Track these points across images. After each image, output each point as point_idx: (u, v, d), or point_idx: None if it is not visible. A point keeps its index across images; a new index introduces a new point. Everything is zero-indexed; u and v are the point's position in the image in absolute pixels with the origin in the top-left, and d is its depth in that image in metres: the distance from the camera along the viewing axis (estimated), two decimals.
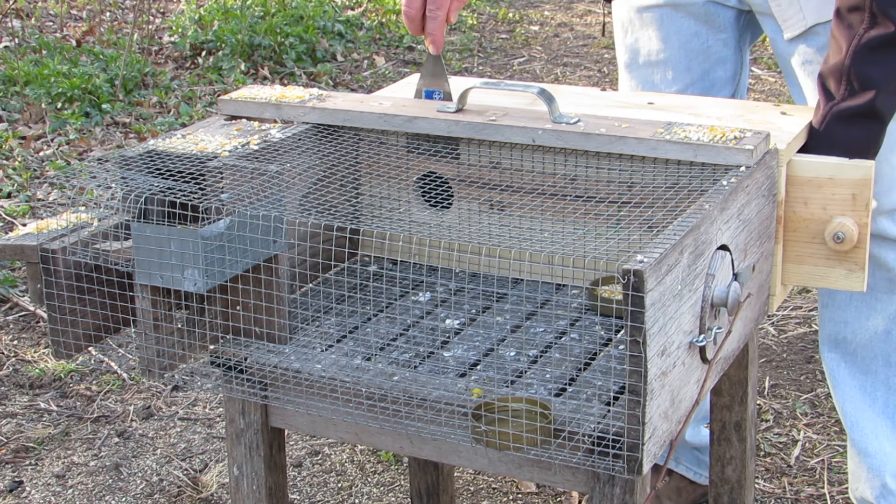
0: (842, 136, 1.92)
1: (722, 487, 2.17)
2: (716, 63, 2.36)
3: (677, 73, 2.35)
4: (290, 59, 5.95)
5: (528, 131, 1.90)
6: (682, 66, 2.35)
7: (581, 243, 1.90)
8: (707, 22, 2.32)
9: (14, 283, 3.70)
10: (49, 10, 6.73)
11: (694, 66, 2.35)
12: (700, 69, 2.35)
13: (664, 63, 2.36)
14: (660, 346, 1.48)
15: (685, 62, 2.35)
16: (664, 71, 2.36)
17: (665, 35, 2.35)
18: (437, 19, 2.00)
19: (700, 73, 2.35)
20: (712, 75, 2.36)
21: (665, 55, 2.35)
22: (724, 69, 2.37)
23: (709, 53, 2.35)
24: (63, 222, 1.76)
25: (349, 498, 2.74)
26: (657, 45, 2.35)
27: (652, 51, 2.36)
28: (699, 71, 2.35)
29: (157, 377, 1.73)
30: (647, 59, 2.38)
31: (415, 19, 2.02)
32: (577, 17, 7.30)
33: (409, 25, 2.04)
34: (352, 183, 2.09)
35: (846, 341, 2.33)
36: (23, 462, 2.89)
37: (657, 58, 2.36)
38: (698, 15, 2.32)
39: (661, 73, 2.36)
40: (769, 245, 1.88)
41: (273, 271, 1.77)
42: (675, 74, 2.35)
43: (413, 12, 2.01)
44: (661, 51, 2.35)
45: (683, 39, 2.34)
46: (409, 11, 2.02)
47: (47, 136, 4.94)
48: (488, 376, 1.73)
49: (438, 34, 2.02)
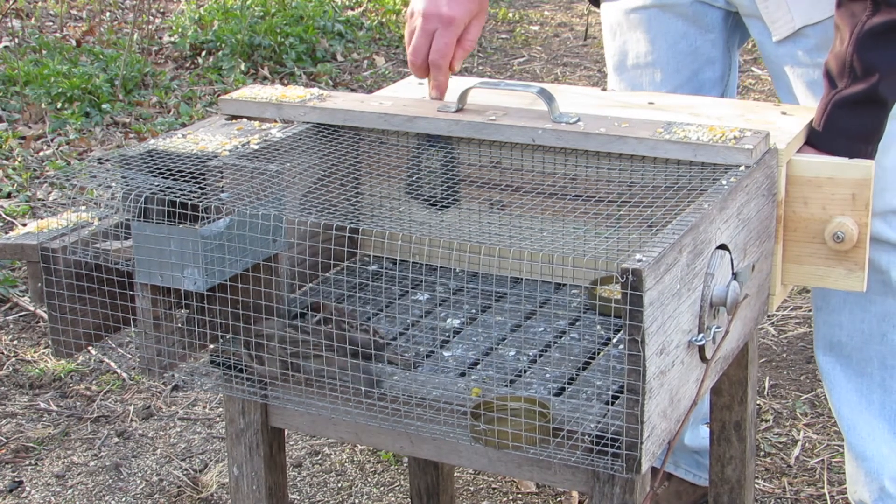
0: (845, 124, 1.92)
1: (722, 487, 2.17)
2: (704, 64, 2.35)
3: (666, 74, 2.35)
4: (290, 59, 5.95)
5: (528, 131, 1.90)
6: (671, 67, 2.35)
7: (581, 243, 1.90)
8: (695, 23, 2.32)
9: (14, 283, 3.70)
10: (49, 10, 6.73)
11: (683, 68, 2.35)
12: (689, 70, 2.35)
13: (653, 65, 2.36)
14: (658, 345, 1.48)
15: (674, 64, 2.35)
16: (653, 73, 2.36)
17: (653, 37, 2.34)
18: (442, 68, 2.06)
19: (689, 75, 2.35)
20: (701, 76, 2.36)
21: (653, 57, 2.35)
22: (712, 70, 2.36)
23: (697, 54, 2.34)
24: (63, 222, 1.77)
25: (349, 498, 2.74)
26: (645, 46, 2.35)
27: (640, 53, 2.36)
28: (688, 72, 2.35)
29: (157, 377, 1.73)
30: (635, 62, 2.37)
31: (421, 68, 2.08)
32: (577, 17, 7.30)
33: (415, 72, 2.09)
34: (352, 182, 2.09)
35: (841, 344, 2.33)
36: (23, 462, 2.89)
37: (646, 60, 2.36)
38: (686, 16, 2.31)
39: (650, 76, 2.36)
40: (769, 245, 1.88)
41: (273, 271, 1.77)
42: (664, 76, 2.35)
43: (419, 62, 2.07)
44: (649, 53, 2.35)
45: (672, 41, 2.33)
46: (414, 60, 2.07)
47: (47, 136, 4.94)
48: (488, 376, 1.73)
49: (443, 82, 2.07)
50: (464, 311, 1.94)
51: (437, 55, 2.04)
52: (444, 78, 2.06)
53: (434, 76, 2.07)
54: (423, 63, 2.06)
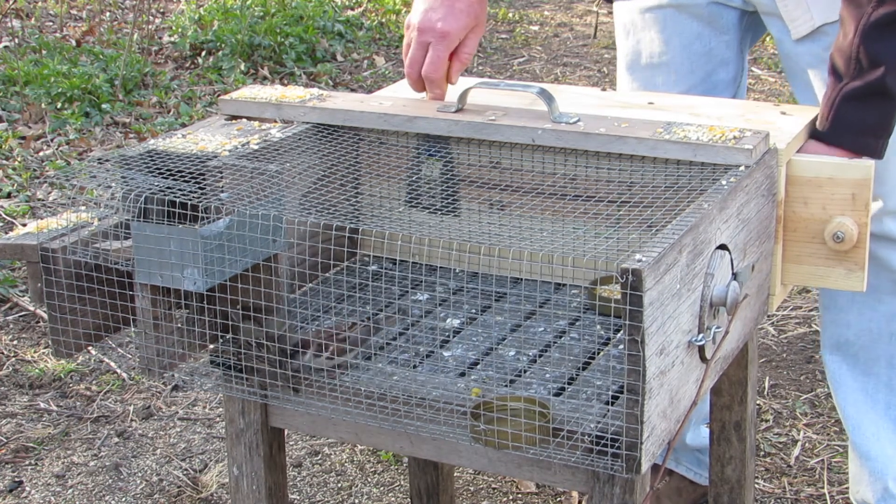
0: (853, 117, 1.90)
1: (722, 487, 2.17)
2: (718, 65, 2.35)
3: (680, 75, 2.35)
4: (290, 59, 5.95)
5: (528, 131, 1.90)
6: (685, 68, 2.35)
7: (580, 243, 1.90)
8: (710, 23, 2.31)
9: (14, 283, 3.70)
10: (49, 10, 6.73)
11: (696, 69, 2.35)
12: (703, 71, 2.35)
13: (666, 65, 2.35)
14: (658, 345, 1.48)
15: (688, 64, 2.34)
16: (667, 73, 2.36)
17: (667, 37, 2.34)
18: (435, 82, 2.06)
19: (702, 76, 2.35)
20: (714, 77, 2.35)
21: (668, 57, 2.35)
22: (725, 71, 2.36)
23: (711, 55, 2.34)
24: (63, 222, 1.77)
25: (349, 498, 2.74)
26: (659, 47, 2.35)
27: (654, 53, 2.36)
28: (701, 73, 2.35)
29: (157, 377, 1.73)
30: (649, 62, 2.37)
31: (417, 81, 2.09)
32: (577, 17, 7.30)
33: (412, 85, 2.10)
34: (352, 183, 2.09)
35: (848, 343, 2.32)
36: (23, 462, 2.89)
37: (659, 60, 2.36)
38: (701, 16, 2.31)
39: (664, 76, 2.36)
40: (769, 245, 1.88)
41: (273, 271, 1.77)
42: (677, 77, 2.34)
43: (415, 75, 2.08)
44: (663, 53, 2.35)
45: (686, 41, 2.33)
46: (410, 73, 2.08)
47: (47, 136, 4.94)
48: (488, 376, 1.73)
49: (440, 95, 2.08)
50: (464, 311, 1.93)
51: (429, 69, 2.05)
52: (439, 91, 2.07)
53: (429, 89, 2.07)
54: (418, 77, 2.07)
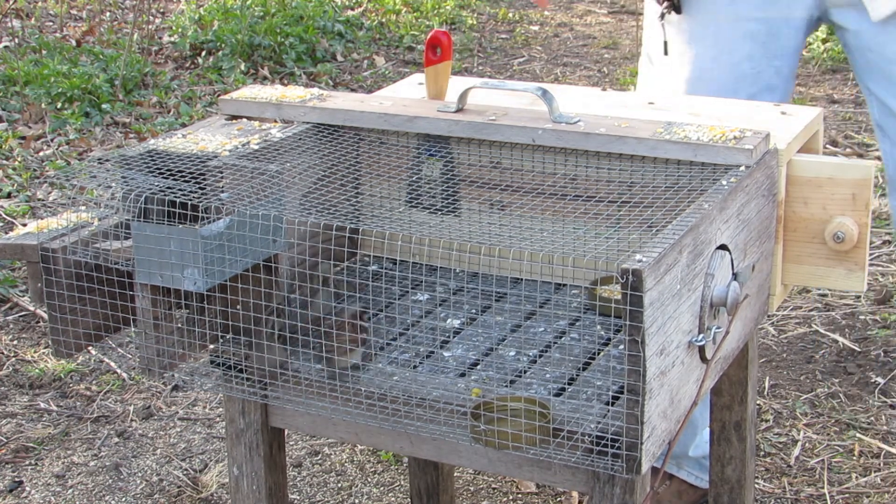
0: None
1: (722, 487, 2.17)
2: (763, 90, 2.30)
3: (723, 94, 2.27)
4: (290, 59, 5.95)
5: (528, 131, 1.90)
6: (729, 88, 2.29)
7: (581, 243, 1.90)
8: (764, 45, 2.27)
9: (14, 283, 3.70)
10: (49, 10, 6.73)
11: (740, 90, 2.29)
12: (746, 94, 2.29)
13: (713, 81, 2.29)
14: (658, 345, 1.48)
15: (732, 84, 2.29)
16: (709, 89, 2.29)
17: (716, 54, 2.28)
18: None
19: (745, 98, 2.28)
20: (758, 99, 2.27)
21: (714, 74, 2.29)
22: (771, 96, 2.29)
23: (758, 78, 2.29)
24: (63, 222, 1.77)
25: (349, 498, 2.74)
26: (708, 62, 2.30)
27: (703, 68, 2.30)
28: (745, 95, 2.29)
29: (157, 376, 1.73)
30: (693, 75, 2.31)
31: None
32: (577, 17, 7.30)
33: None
34: (352, 182, 2.09)
35: None
36: (23, 462, 2.89)
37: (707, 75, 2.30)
38: (757, 35, 2.26)
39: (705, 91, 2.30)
40: (769, 245, 1.88)
41: (273, 271, 1.77)
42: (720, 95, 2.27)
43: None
44: (711, 69, 2.29)
45: (736, 60, 2.28)
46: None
47: (47, 136, 4.94)
48: (488, 376, 1.73)
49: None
50: (464, 312, 1.93)
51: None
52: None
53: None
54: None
